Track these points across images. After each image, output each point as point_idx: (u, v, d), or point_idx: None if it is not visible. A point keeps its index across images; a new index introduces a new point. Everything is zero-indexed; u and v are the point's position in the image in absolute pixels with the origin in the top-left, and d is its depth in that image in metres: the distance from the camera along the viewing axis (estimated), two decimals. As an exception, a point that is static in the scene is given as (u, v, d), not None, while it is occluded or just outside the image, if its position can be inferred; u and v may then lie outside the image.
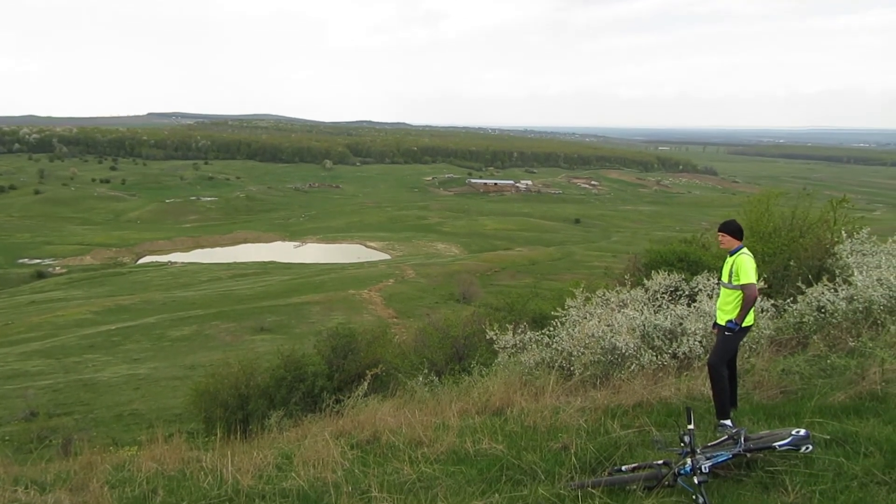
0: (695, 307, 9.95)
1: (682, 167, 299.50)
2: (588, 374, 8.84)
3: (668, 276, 11.66)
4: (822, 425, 5.62)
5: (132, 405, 34.27)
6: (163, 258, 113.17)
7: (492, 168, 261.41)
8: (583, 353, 9.30)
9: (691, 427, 4.88)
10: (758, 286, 6.52)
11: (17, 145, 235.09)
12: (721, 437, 5.24)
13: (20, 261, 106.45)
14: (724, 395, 6.22)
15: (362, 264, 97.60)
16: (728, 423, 6.08)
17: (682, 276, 11.89)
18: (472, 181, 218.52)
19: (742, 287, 6.30)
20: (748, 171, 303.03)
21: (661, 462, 4.95)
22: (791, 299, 9.76)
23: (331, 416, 9.00)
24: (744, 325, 6.36)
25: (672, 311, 9.82)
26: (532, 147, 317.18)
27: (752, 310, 6.41)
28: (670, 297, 11.04)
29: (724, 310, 6.50)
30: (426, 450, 6.09)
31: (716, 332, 6.71)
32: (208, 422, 21.41)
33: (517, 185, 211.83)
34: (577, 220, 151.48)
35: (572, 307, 11.03)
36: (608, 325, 9.47)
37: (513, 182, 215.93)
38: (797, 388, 7.12)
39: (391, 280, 79.56)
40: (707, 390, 6.95)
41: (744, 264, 6.32)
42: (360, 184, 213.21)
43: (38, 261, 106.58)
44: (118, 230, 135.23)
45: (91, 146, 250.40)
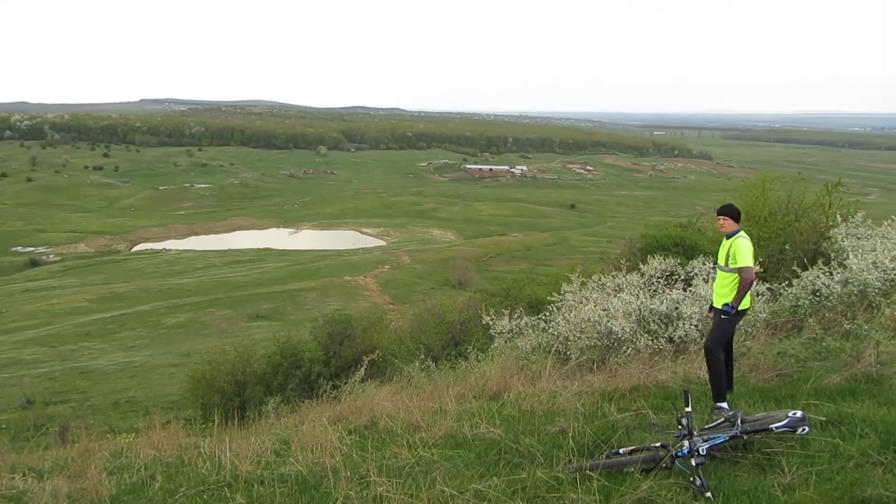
0: (690, 291, 9.99)
1: (677, 152, 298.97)
2: (584, 358, 8.86)
3: (664, 260, 11.70)
4: (817, 407, 5.66)
5: (128, 392, 34.26)
6: (157, 245, 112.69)
7: (487, 154, 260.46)
8: (579, 338, 9.32)
9: (689, 410, 4.91)
10: (754, 270, 6.52)
11: (8, 132, 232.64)
12: (718, 420, 5.27)
13: (13, 249, 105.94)
14: (720, 378, 6.25)
15: (357, 251, 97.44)
16: (724, 405, 6.11)
17: (678, 261, 11.92)
18: (468, 167, 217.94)
19: (739, 270, 6.30)
20: (743, 156, 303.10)
21: (658, 445, 4.98)
22: (786, 283, 9.80)
23: (328, 401, 9.00)
24: (740, 308, 6.38)
25: (668, 296, 9.85)
26: (527, 132, 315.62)
27: (749, 293, 6.42)
28: (666, 282, 11.07)
29: (721, 293, 6.50)
30: (424, 434, 6.11)
31: (712, 315, 6.72)
32: (205, 408, 21.45)
33: (512, 170, 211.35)
34: (572, 206, 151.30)
35: (568, 292, 11.05)
36: (604, 310, 9.49)
37: (508, 168, 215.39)
38: (793, 370, 7.16)
39: (387, 266, 79.50)
40: (703, 373, 6.98)
41: (741, 247, 6.32)
42: (354, 170, 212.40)
43: (31, 249, 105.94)
44: (112, 217, 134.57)
45: (83, 133, 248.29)
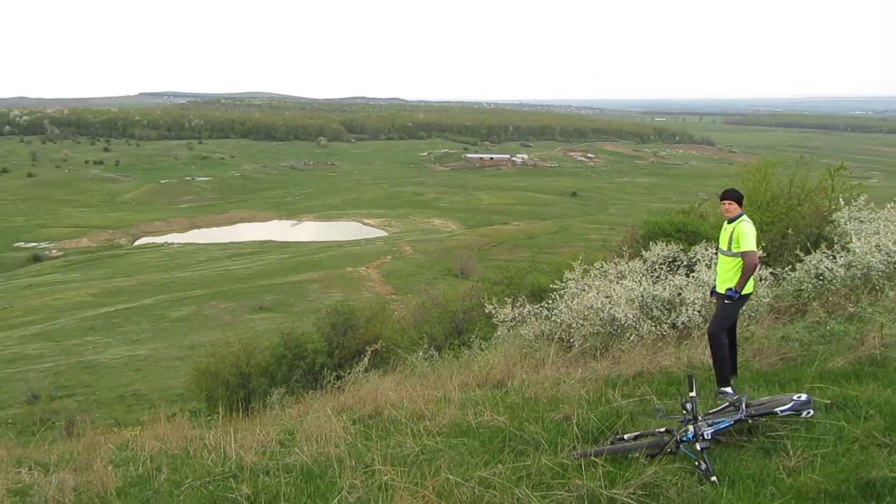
0: (693, 277, 9.97)
1: (678, 138, 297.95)
2: (588, 345, 8.86)
3: (667, 246, 11.67)
4: (822, 390, 5.65)
5: (133, 386, 34.42)
6: (159, 239, 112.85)
7: (487, 143, 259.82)
8: (582, 325, 9.32)
9: (693, 394, 4.90)
10: (758, 254, 6.50)
11: (7, 128, 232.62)
12: (722, 405, 5.26)
13: (16, 244, 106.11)
14: (724, 363, 6.23)
15: (359, 241, 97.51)
16: (728, 390, 6.11)
17: (680, 247, 11.89)
18: (468, 156, 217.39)
19: (742, 254, 6.28)
20: (745, 141, 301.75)
21: (663, 430, 4.97)
22: (790, 267, 9.77)
23: (332, 392, 9.03)
24: (743, 292, 6.35)
25: (670, 282, 9.83)
26: (527, 121, 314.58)
27: (752, 277, 6.40)
28: (668, 268, 11.05)
29: (724, 278, 6.48)
30: (428, 423, 6.11)
31: (715, 300, 6.69)
32: (210, 401, 21.52)
33: (513, 159, 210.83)
34: (573, 194, 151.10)
35: (571, 279, 11.03)
36: (607, 297, 9.47)
37: (509, 156, 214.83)
38: (797, 354, 7.15)
39: (389, 257, 79.58)
40: (707, 359, 6.98)
41: (744, 231, 6.28)
42: (355, 161, 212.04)
43: (34, 244, 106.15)
44: (113, 212, 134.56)
45: (83, 127, 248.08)
